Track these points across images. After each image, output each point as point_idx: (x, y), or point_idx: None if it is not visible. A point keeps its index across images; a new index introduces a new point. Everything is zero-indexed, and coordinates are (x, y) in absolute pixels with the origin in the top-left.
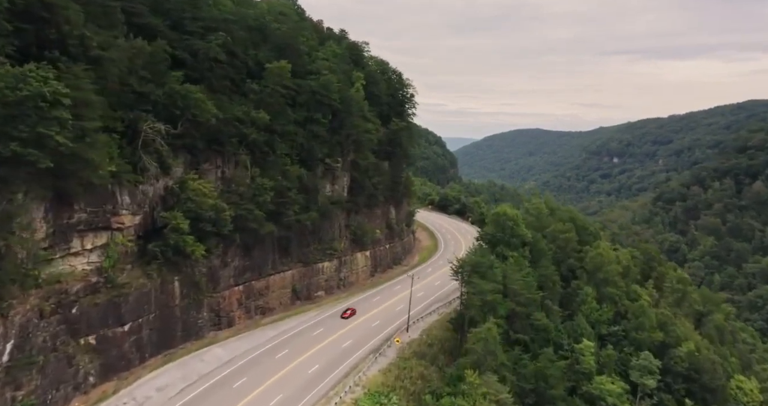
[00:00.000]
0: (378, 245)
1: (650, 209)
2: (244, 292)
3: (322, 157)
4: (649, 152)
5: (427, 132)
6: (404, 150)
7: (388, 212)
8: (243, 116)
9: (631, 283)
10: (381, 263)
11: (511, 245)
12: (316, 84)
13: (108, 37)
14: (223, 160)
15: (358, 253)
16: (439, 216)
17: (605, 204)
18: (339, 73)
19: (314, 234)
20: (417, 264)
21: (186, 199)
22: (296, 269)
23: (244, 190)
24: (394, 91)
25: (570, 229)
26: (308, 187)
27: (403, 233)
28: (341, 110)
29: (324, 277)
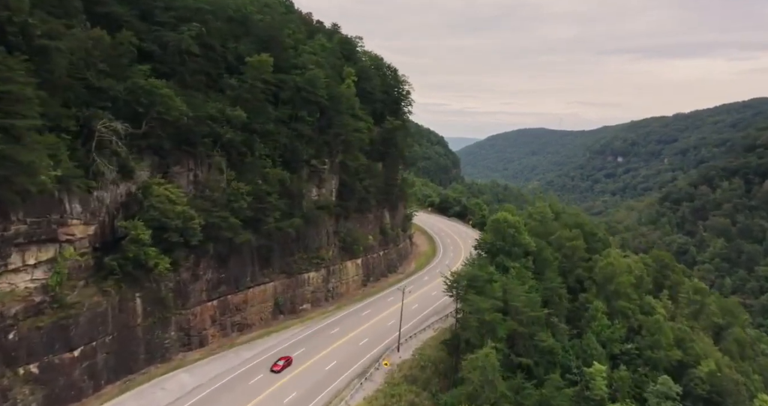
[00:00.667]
0: (370, 252)
1: (657, 209)
2: (219, 307)
3: (307, 159)
4: (654, 151)
5: (428, 132)
6: (399, 150)
7: (381, 217)
8: (217, 114)
9: (645, 294)
10: (374, 272)
11: (512, 255)
12: (301, 79)
13: (58, 26)
14: (195, 163)
15: (348, 261)
16: (439, 219)
17: (610, 204)
18: (328, 69)
19: (299, 242)
20: (413, 272)
21: (149, 206)
22: (279, 280)
23: (217, 196)
24: (388, 88)
25: (577, 236)
26: (291, 192)
27: (398, 238)
28: (329, 108)
29: (310, 288)
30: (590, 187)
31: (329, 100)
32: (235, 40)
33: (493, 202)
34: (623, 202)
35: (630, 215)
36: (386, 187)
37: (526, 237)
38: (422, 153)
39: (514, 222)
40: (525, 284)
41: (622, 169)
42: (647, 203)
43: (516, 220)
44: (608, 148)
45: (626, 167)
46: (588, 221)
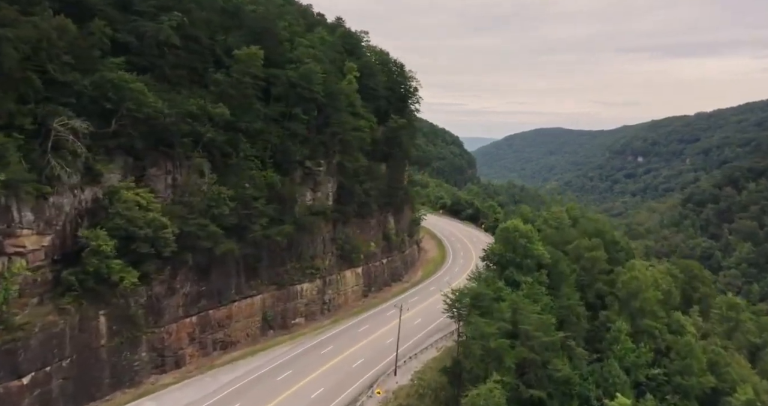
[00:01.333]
0: (372, 260)
1: (680, 211)
2: (199, 324)
3: (301, 160)
4: (676, 151)
5: (443, 132)
6: (405, 150)
7: (385, 222)
8: (198, 111)
9: (673, 311)
10: (376, 281)
11: (524, 268)
12: (294, 74)
13: (10, 12)
14: (174, 165)
15: (346, 271)
16: (451, 222)
17: (630, 205)
18: (327, 64)
19: (291, 251)
20: (419, 280)
21: (114, 213)
22: (268, 292)
23: (196, 201)
24: (394, 85)
25: (597, 245)
26: (282, 196)
27: (404, 244)
28: (326, 105)
29: (303, 301)
30: (609, 188)
31: (326, 97)
32: (224, 33)
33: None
34: (644, 203)
35: (651, 217)
36: (390, 189)
37: (540, 248)
38: (437, 153)
39: (525, 231)
40: (538, 302)
41: (642, 169)
42: (669, 204)
43: (528, 229)
44: (628, 147)
45: (647, 167)
46: (609, 228)
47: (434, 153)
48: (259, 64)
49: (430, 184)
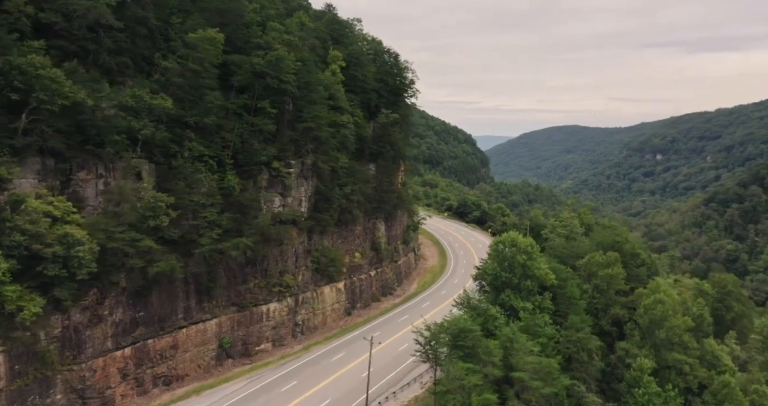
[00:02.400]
0: (357, 272)
1: (702, 211)
2: (134, 356)
3: (267, 161)
4: (696, 148)
5: (456, 130)
6: (397, 149)
7: (373, 229)
8: (135, 104)
9: (705, 337)
10: (362, 297)
11: (522, 291)
12: (261, 62)
13: None
14: (105, 168)
15: (324, 287)
16: (456, 225)
17: (649, 204)
18: (306, 51)
19: (255, 266)
20: (414, 293)
21: (11, 227)
22: (225, 315)
23: (126, 211)
24: (386, 76)
25: (615, 260)
26: (241, 203)
27: (397, 253)
28: (299, 97)
29: (270, 324)
30: (627, 187)
31: (300, 88)
32: (182, 15)
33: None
34: (663, 202)
35: (672, 217)
36: (380, 193)
37: (542, 266)
38: (448, 152)
39: (525, 246)
40: (538, 336)
41: (661, 167)
42: (691, 204)
43: (528, 242)
44: (647, 145)
45: (666, 165)
46: (628, 236)
47: (446, 152)
48: (218, 49)
49: (440, 183)
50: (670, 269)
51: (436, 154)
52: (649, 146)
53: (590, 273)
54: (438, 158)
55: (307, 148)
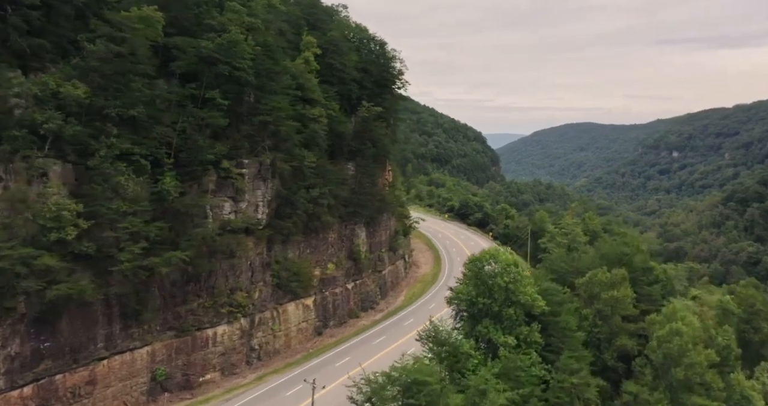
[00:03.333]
0: (330, 286)
1: (720, 210)
2: (37, 396)
3: (215, 160)
4: (713, 145)
5: (465, 127)
6: (381, 146)
7: (351, 236)
8: (39, 92)
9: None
10: (336, 313)
11: (504, 322)
12: (210, 45)
13: None
14: (5, 169)
15: (288, 304)
16: (456, 228)
17: (665, 203)
18: (272, 36)
19: (197, 283)
20: (399, 307)
21: None
22: (161, 342)
23: (21, 222)
24: (370, 66)
25: (622, 279)
26: (177, 210)
27: (382, 262)
28: (258, 87)
29: (218, 349)
30: (642, 185)
31: (259, 76)
32: None
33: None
34: (679, 200)
35: (689, 217)
36: (358, 196)
37: (530, 291)
38: (457, 150)
39: (507, 264)
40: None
41: (677, 164)
42: (708, 202)
43: (510, 260)
44: (662, 142)
45: (682, 163)
46: (639, 243)
47: (455, 150)
48: (155, 30)
49: (447, 183)
50: (688, 282)
51: (444, 153)
52: (665, 143)
53: (591, 295)
54: (446, 157)
55: (264, 145)
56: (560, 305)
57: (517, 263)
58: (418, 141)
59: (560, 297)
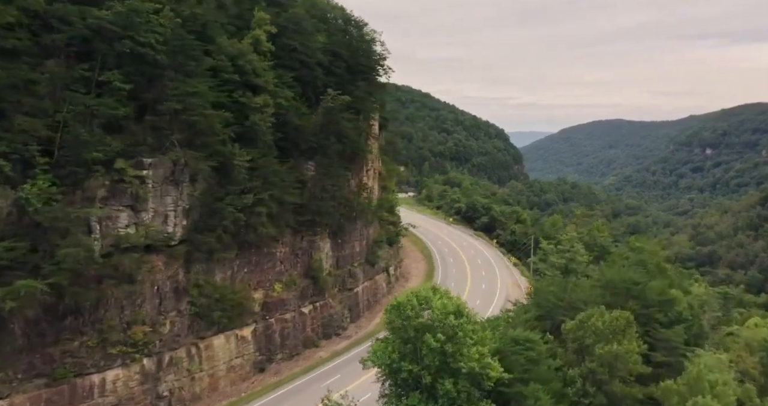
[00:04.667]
0: (277, 311)
1: (758, 211)
2: None
3: (106, 158)
4: (749, 142)
5: (487, 125)
6: (352, 142)
7: (310, 250)
8: None
9: None
10: (285, 344)
11: (440, 399)
12: (106, 15)
13: None
14: None
15: (214, 337)
16: (460, 233)
17: (697, 203)
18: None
19: (78, 317)
20: (371, 333)
21: None
22: (24, 394)
23: None
24: (340, 49)
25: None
26: (40, 225)
27: (354, 279)
28: (170, 68)
29: (109, 400)
30: (674, 183)
31: (174, 54)
32: None
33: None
34: (713, 200)
35: (723, 218)
36: (319, 202)
37: (478, 355)
38: (478, 148)
39: (443, 314)
40: None
41: (711, 162)
42: (745, 203)
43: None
44: (695, 138)
45: (716, 160)
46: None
47: (475, 148)
48: None
49: (464, 182)
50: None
51: (464, 151)
52: (698, 140)
53: (582, 347)
54: (466, 155)
55: (173, 139)
56: (534, 365)
57: (461, 309)
58: (436, 139)
59: (536, 351)
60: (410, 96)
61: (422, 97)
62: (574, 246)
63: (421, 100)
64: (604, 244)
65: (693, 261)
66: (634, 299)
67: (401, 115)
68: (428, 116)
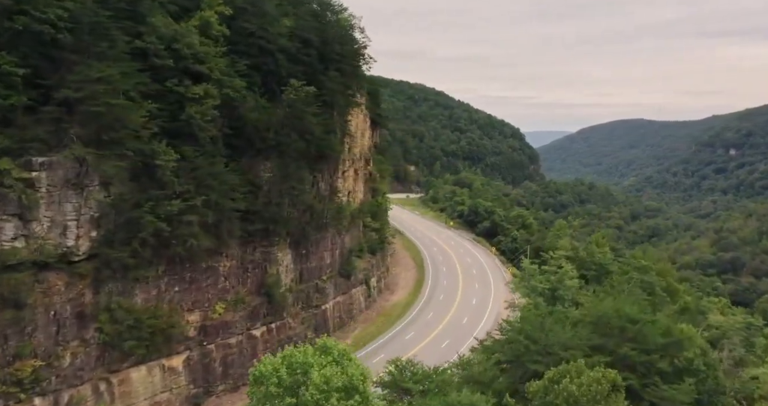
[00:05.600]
0: (217, 335)
1: None
2: None
3: None
4: None
5: (502, 124)
6: (317, 140)
7: (264, 263)
8: None
9: None
10: (228, 374)
11: None
12: None
13: None
14: None
15: (132, 369)
16: (459, 238)
17: (720, 205)
18: None
19: None
20: None
21: None
22: None
23: None
24: (310, 34)
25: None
26: None
27: (321, 295)
28: (71, 47)
29: None
30: (696, 185)
31: (78, 33)
32: None
33: (573, 203)
34: (737, 202)
35: (747, 222)
36: (275, 208)
37: None
38: (492, 148)
39: (325, 389)
40: None
41: (735, 163)
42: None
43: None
44: (718, 139)
45: (740, 161)
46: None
47: (489, 147)
48: None
49: (475, 182)
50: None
51: (477, 150)
52: (721, 140)
53: None
54: (479, 154)
55: (72, 134)
56: None
57: (355, 384)
58: (449, 138)
59: None
60: (423, 94)
61: (435, 95)
62: (563, 266)
63: (434, 98)
64: (602, 262)
65: (714, 268)
66: (630, 343)
67: (413, 113)
68: (441, 115)
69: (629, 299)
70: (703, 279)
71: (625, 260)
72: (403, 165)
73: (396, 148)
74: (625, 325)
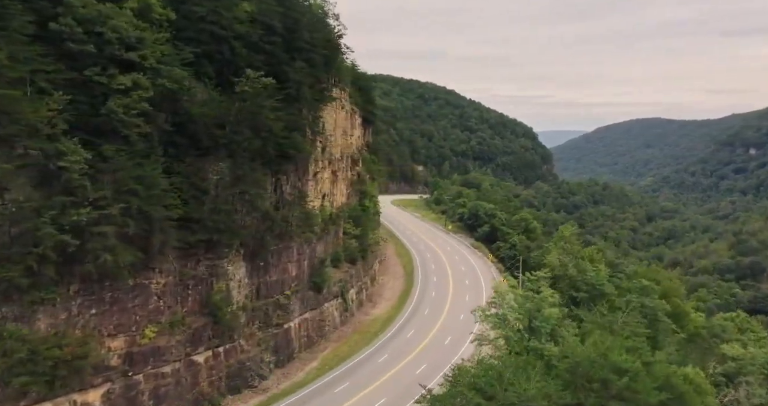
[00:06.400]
0: (148, 364)
1: None
2: None
3: None
4: None
5: (514, 123)
6: (276, 138)
7: (210, 278)
8: None
9: None
10: None
11: None
12: None
13: None
14: None
15: None
16: (456, 244)
17: (740, 206)
18: None
19: None
20: (297, 385)
21: None
22: None
23: None
24: (274, 21)
25: None
26: None
27: (284, 312)
28: None
29: None
30: (715, 185)
31: None
32: None
33: (587, 204)
34: (757, 203)
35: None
36: (224, 215)
37: None
38: (503, 147)
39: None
40: None
41: (755, 163)
42: None
43: None
44: (737, 138)
45: (761, 161)
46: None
47: (500, 147)
48: None
49: (484, 183)
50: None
51: (488, 150)
52: (741, 140)
53: None
54: (490, 154)
55: None
56: None
57: None
58: (459, 137)
59: None
60: (433, 93)
61: (446, 94)
62: (542, 291)
63: (444, 97)
64: (595, 282)
65: (732, 273)
66: (615, 401)
67: (422, 112)
68: (451, 114)
69: (618, 339)
70: (720, 285)
71: (625, 277)
72: (410, 165)
73: (404, 148)
74: (609, 377)
